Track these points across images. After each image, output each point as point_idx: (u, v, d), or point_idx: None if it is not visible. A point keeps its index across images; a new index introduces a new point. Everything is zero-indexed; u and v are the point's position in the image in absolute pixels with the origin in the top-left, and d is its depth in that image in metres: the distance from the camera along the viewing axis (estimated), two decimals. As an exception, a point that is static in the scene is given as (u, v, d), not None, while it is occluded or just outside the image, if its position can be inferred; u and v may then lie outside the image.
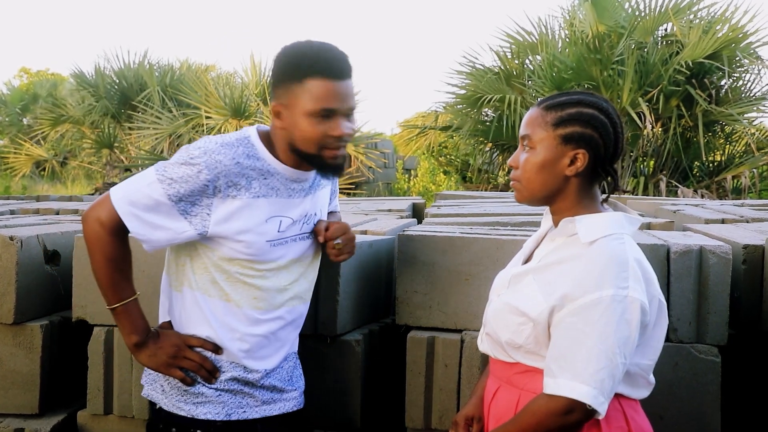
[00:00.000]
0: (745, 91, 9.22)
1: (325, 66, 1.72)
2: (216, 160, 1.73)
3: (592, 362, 1.45)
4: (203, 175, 1.71)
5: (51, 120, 13.22)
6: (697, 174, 9.43)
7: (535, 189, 1.60)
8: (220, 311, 1.81)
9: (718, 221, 3.09)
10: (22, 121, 21.77)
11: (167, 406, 1.84)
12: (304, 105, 1.71)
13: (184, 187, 1.72)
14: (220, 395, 1.83)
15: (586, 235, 1.54)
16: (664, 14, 8.90)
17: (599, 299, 1.46)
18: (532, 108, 1.63)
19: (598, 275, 1.47)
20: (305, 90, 1.71)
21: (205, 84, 11.06)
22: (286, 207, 1.84)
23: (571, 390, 1.45)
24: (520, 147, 1.63)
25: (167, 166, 1.74)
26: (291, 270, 1.87)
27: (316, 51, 1.74)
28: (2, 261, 2.38)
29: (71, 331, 2.51)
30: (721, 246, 2.11)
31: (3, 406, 2.43)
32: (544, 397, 1.50)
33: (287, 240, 1.85)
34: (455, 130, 10.59)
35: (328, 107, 1.72)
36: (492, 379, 1.71)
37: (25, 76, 33.09)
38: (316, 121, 1.73)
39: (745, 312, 2.24)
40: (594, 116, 1.56)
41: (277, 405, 1.89)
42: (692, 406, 2.10)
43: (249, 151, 1.79)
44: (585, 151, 1.55)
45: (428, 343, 2.21)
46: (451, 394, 2.20)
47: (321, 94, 1.71)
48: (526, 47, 9.98)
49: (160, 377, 1.87)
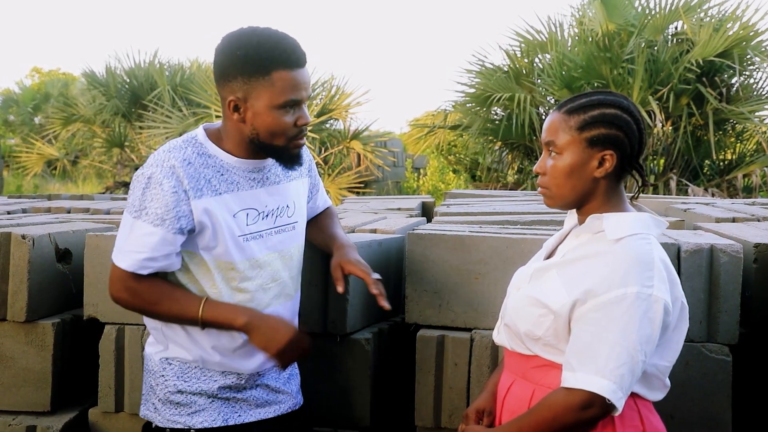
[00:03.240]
0: (757, 89, 9.16)
1: (289, 57, 1.70)
2: (169, 166, 1.72)
3: (614, 358, 1.45)
4: (166, 184, 1.70)
5: (62, 119, 13.27)
6: (707, 172, 9.37)
7: (565, 194, 1.60)
8: None
9: (729, 220, 3.07)
10: (33, 120, 21.91)
11: (162, 423, 1.84)
12: (270, 98, 1.69)
13: (158, 206, 1.71)
14: (213, 402, 1.83)
15: (614, 232, 1.54)
16: (675, 12, 8.85)
17: (623, 296, 1.47)
18: (552, 112, 1.62)
19: (623, 272, 1.48)
20: (271, 83, 1.68)
21: (214, 83, 11.06)
22: (251, 199, 1.81)
23: (591, 384, 1.46)
24: (545, 153, 1.63)
25: (133, 202, 1.74)
26: (272, 266, 1.85)
27: (275, 42, 1.70)
28: (14, 259, 2.40)
29: (82, 329, 2.52)
30: (732, 245, 2.10)
31: (15, 404, 2.45)
32: (562, 390, 1.50)
33: (261, 234, 1.83)
34: (464, 129, 10.56)
35: (294, 98, 1.71)
36: (506, 374, 1.71)
37: (37, 75, 33.24)
38: (282, 112, 1.71)
39: (757, 311, 2.23)
40: (617, 116, 1.56)
41: (273, 407, 1.90)
42: (703, 405, 2.09)
43: (199, 149, 1.77)
44: (613, 152, 1.56)
45: (438, 341, 2.21)
46: (460, 393, 2.20)
47: (287, 86, 1.69)
48: (535, 46, 9.93)
49: (151, 396, 1.88)
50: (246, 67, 1.69)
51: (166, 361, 1.86)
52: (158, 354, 1.88)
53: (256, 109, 1.71)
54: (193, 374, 1.84)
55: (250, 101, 1.71)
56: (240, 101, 1.72)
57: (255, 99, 1.70)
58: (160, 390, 1.86)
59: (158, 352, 1.88)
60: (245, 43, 1.70)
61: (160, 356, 1.87)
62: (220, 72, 1.75)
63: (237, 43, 1.71)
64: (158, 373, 1.87)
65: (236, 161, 1.79)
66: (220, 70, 1.74)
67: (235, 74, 1.71)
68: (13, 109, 23.31)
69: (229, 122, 1.77)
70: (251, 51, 1.69)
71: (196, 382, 1.84)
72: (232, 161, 1.79)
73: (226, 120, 1.79)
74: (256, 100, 1.70)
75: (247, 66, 1.69)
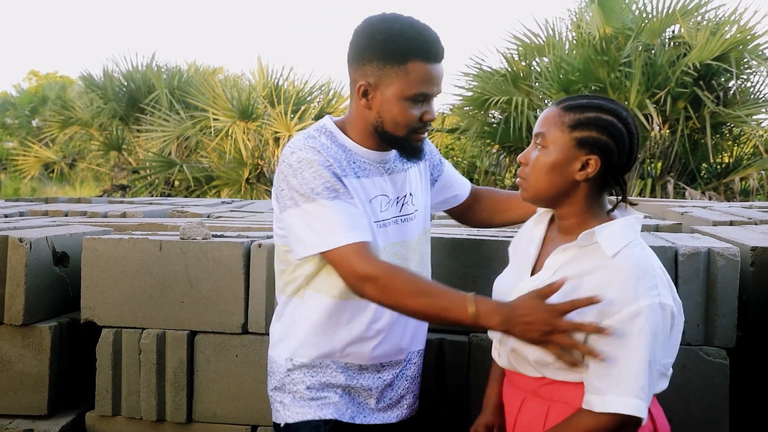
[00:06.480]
0: (754, 92, 9.19)
1: (428, 49, 1.65)
2: (311, 146, 1.69)
3: (640, 376, 1.44)
4: (317, 162, 1.66)
5: (60, 122, 13.27)
6: (704, 176, 9.39)
7: (541, 189, 1.57)
8: (346, 310, 1.76)
9: (726, 223, 3.08)
10: (31, 123, 21.91)
11: (293, 418, 1.78)
12: (402, 88, 1.65)
13: (323, 181, 1.64)
14: (342, 397, 1.79)
15: (611, 247, 1.50)
16: (672, 16, 8.88)
17: (637, 311, 1.45)
18: (550, 106, 1.59)
19: (632, 287, 1.46)
20: (405, 73, 1.64)
21: (212, 86, 11.08)
22: (381, 185, 1.77)
23: (622, 406, 1.44)
24: (532, 144, 1.60)
25: (297, 190, 1.65)
26: (398, 255, 1.80)
27: (417, 32, 1.66)
28: (11, 263, 2.39)
29: (80, 332, 2.52)
30: (729, 248, 2.11)
31: (12, 408, 2.44)
32: (591, 414, 1.48)
33: (388, 222, 1.78)
34: (462, 132, 10.58)
35: (425, 92, 1.67)
36: (514, 391, 1.67)
37: (35, 78, 33.23)
38: (409, 104, 1.67)
39: (754, 314, 2.23)
40: (612, 123, 1.52)
41: (395, 412, 1.87)
42: (700, 408, 2.09)
43: (330, 137, 1.74)
44: (597, 158, 1.52)
45: (436, 345, 2.21)
46: (459, 397, 2.19)
47: (421, 79, 1.65)
48: (533, 49, 9.96)
49: (279, 395, 1.83)
50: (383, 52, 1.65)
51: (291, 362, 1.80)
52: (284, 354, 1.81)
53: (385, 96, 1.67)
54: (320, 369, 1.79)
55: (380, 88, 1.67)
56: (370, 87, 1.68)
57: (386, 86, 1.66)
58: (288, 388, 1.80)
59: (284, 354, 1.82)
60: (387, 28, 1.66)
61: (286, 356, 1.81)
62: (355, 54, 1.70)
63: (379, 27, 1.67)
64: (284, 373, 1.81)
65: (363, 150, 1.76)
66: (357, 51, 1.70)
67: (370, 58, 1.67)
68: (11, 112, 23.29)
69: (355, 109, 1.74)
70: (391, 37, 1.65)
71: (323, 376, 1.79)
72: (360, 150, 1.76)
73: (353, 106, 1.75)
74: (387, 87, 1.66)
75: (385, 51, 1.65)
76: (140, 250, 2.34)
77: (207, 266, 2.31)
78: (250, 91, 11.43)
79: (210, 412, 2.34)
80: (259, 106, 10.91)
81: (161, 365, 2.35)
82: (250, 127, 10.75)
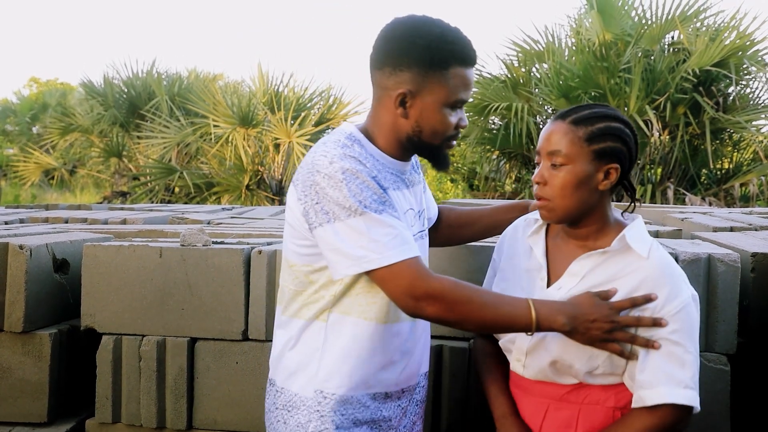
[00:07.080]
0: (753, 98, 9.20)
1: (468, 53, 1.58)
2: (349, 155, 1.55)
3: (693, 366, 1.51)
4: (362, 172, 1.52)
5: (60, 129, 13.27)
6: (704, 182, 9.40)
7: (570, 207, 1.57)
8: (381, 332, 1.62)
9: (727, 229, 3.08)
10: (31, 130, 21.93)
11: None
12: (444, 95, 1.56)
13: (370, 193, 1.51)
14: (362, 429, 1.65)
15: (643, 248, 1.56)
16: (671, 22, 8.89)
17: (682, 304, 1.52)
18: (553, 122, 1.59)
19: (672, 284, 1.53)
20: (447, 78, 1.55)
21: (212, 93, 11.09)
22: (408, 198, 1.67)
23: (678, 396, 1.49)
24: (545, 162, 1.58)
25: (343, 203, 1.49)
26: None
27: (455, 35, 1.58)
28: (12, 270, 2.39)
29: (80, 339, 2.52)
30: (729, 254, 2.11)
31: (12, 415, 2.44)
32: (644, 411, 1.50)
33: (417, 238, 1.67)
34: (462, 138, 10.58)
35: (464, 98, 1.59)
36: (535, 400, 1.64)
37: (35, 85, 33.30)
38: (449, 111, 1.58)
39: (754, 320, 2.22)
40: (622, 130, 1.57)
41: None
42: (701, 415, 2.07)
43: (360, 146, 1.60)
44: (617, 166, 1.57)
45: (435, 351, 2.20)
46: (458, 403, 2.19)
47: (461, 84, 1.57)
48: (532, 55, 9.98)
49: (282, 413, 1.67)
50: (424, 58, 1.54)
51: (321, 394, 1.62)
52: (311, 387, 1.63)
53: (426, 103, 1.56)
54: (350, 405, 1.63)
55: (421, 95, 1.56)
56: (409, 94, 1.56)
57: (428, 93, 1.56)
58: (313, 426, 1.61)
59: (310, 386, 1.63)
60: (427, 32, 1.55)
61: (314, 388, 1.63)
62: (389, 59, 1.58)
63: (419, 30, 1.56)
64: (313, 410, 1.62)
65: (390, 161, 1.63)
66: (391, 57, 1.57)
67: (410, 64, 1.55)
68: (11, 119, 23.32)
69: (386, 116, 1.61)
70: (434, 42, 1.54)
71: (353, 412, 1.63)
72: (388, 161, 1.63)
73: (382, 114, 1.62)
74: (429, 94, 1.56)
75: (427, 57, 1.54)
76: (140, 257, 2.34)
77: (207, 273, 2.31)
78: (251, 97, 11.45)
79: (210, 419, 2.34)
80: (259, 112, 10.92)
81: (161, 372, 2.34)
82: (251, 134, 10.76)
